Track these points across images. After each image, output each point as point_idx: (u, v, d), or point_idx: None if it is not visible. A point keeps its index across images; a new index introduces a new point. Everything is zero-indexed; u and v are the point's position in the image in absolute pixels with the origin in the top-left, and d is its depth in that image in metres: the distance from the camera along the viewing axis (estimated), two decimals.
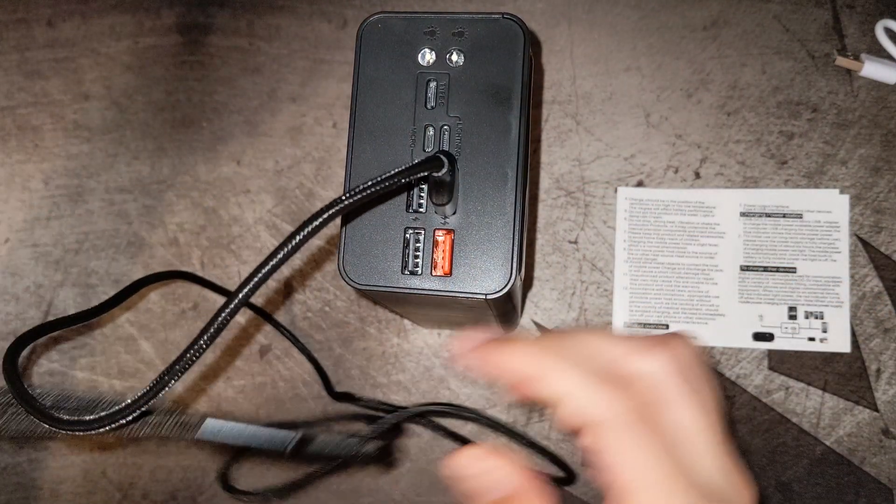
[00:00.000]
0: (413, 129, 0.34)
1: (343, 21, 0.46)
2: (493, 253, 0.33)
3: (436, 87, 0.35)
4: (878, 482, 0.41)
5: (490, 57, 0.36)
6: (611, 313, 0.43)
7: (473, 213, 0.33)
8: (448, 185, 0.29)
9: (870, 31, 0.44)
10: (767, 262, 0.43)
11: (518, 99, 0.35)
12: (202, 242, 0.45)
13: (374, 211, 0.33)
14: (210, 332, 0.21)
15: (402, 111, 0.35)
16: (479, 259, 0.33)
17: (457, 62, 0.35)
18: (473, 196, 0.33)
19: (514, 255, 0.33)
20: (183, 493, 0.44)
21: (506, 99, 0.35)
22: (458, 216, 0.33)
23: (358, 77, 0.35)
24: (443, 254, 0.33)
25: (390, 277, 0.33)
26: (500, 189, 0.33)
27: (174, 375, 0.22)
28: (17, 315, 0.45)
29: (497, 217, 0.33)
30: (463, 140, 0.35)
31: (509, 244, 0.33)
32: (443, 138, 0.35)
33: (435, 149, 0.34)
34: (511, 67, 0.35)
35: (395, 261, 0.33)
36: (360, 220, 0.33)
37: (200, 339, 0.21)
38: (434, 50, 0.35)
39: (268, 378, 0.44)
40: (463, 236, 0.33)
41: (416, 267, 0.32)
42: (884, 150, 0.44)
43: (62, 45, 0.47)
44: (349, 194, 0.24)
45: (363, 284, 0.31)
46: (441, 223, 0.33)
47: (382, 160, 0.34)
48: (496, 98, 0.35)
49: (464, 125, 0.35)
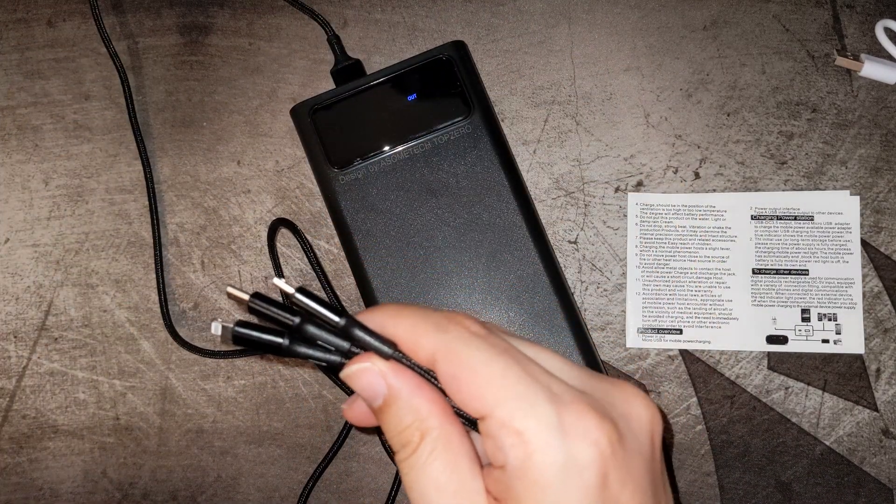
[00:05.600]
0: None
1: (343, 21, 0.46)
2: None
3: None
4: (878, 482, 0.41)
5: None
6: (611, 313, 0.43)
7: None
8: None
9: (870, 31, 0.44)
10: (779, 265, 0.43)
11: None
12: (202, 242, 0.45)
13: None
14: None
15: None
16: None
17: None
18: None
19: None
20: (183, 493, 0.44)
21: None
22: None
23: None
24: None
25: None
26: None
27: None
28: (17, 315, 0.45)
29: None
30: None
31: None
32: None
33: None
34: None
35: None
36: None
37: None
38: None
39: (268, 378, 0.44)
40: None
41: None
42: (884, 150, 0.44)
43: (62, 45, 0.47)
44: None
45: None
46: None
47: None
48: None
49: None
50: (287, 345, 0.24)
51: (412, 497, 0.23)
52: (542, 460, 0.21)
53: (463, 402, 0.22)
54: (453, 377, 0.22)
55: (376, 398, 0.23)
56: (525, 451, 0.21)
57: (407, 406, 0.23)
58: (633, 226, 0.44)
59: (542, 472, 0.21)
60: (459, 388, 0.22)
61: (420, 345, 0.23)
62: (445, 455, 0.22)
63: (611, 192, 0.44)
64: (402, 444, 0.23)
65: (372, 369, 0.23)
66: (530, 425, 0.21)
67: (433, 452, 0.22)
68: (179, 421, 0.44)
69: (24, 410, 0.45)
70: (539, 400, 0.21)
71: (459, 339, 0.23)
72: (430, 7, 0.46)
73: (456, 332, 0.23)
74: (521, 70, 0.45)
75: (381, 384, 0.23)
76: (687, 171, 0.44)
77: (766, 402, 0.42)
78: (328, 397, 0.44)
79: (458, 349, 0.22)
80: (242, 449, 0.44)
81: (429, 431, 0.23)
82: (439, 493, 0.22)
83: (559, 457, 0.21)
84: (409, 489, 0.23)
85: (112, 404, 0.44)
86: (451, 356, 0.22)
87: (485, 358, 0.22)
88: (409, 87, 0.42)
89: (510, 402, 0.21)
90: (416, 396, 0.23)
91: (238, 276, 0.45)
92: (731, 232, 0.44)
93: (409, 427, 0.23)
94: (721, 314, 0.43)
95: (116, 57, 0.45)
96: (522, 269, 0.40)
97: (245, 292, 0.25)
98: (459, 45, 0.43)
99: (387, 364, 0.23)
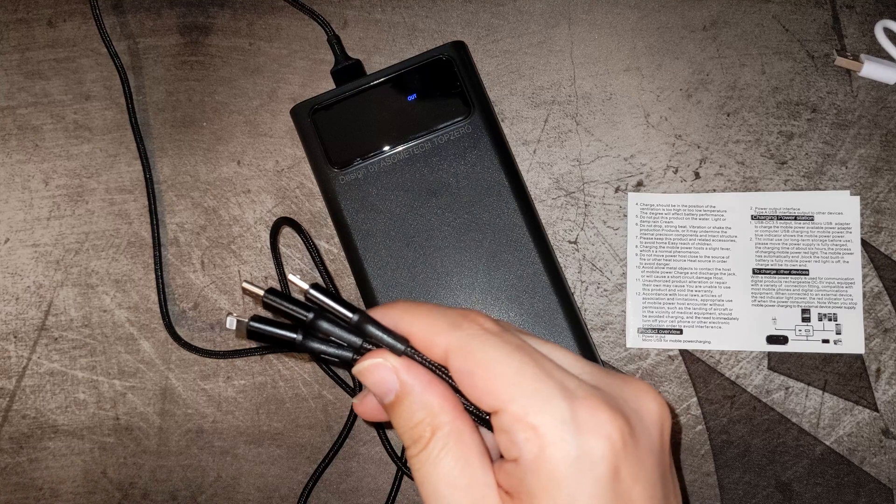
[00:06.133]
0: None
1: (343, 21, 0.46)
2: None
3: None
4: (878, 482, 0.41)
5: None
6: (611, 313, 0.43)
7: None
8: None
9: (869, 32, 0.44)
10: (779, 265, 0.43)
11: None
12: (202, 242, 0.45)
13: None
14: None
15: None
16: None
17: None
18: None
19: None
20: (183, 493, 0.44)
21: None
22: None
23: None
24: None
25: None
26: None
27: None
28: (17, 315, 0.45)
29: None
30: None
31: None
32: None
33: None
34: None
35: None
36: None
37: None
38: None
39: (268, 378, 0.44)
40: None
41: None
42: (883, 150, 0.44)
43: (62, 45, 0.47)
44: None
45: None
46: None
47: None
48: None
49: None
50: (301, 340, 0.24)
51: (423, 492, 0.23)
52: (556, 454, 0.21)
53: (477, 397, 0.23)
54: (468, 373, 0.23)
55: (388, 394, 0.24)
56: (539, 445, 0.21)
57: (419, 402, 0.23)
58: (633, 226, 0.44)
59: (556, 466, 0.21)
60: (474, 384, 0.23)
61: (434, 341, 0.24)
62: (457, 450, 0.23)
63: (611, 192, 0.44)
64: (414, 439, 0.23)
65: (384, 365, 0.24)
66: (545, 420, 0.21)
67: (444, 448, 0.23)
68: (179, 421, 0.44)
69: (24, 410, 0.45)
70: (553, 395, 0.22)
71: (474, 336, 0.23)
72: (430, 7, 0.46)
73: (471, 329, 0.23)
74: (521, 70, 0.45)
75: (394, 380, 0.23)
76: (687, 171, 0.44)
77: (766, 402, 0.42)
78: (328, 397, 0.44)
79: (473, 346, 0.23)
80: (242, 449, 0.44)
81: (440, 427, 0.23)
82: (451, 487, 0.22)
83: (573, 451, 0.21)
84: (421, 484, 0.23)
85: (112, 404, 0.44)
86: (465, 353, 0.23)
87: (499, 355, 0.22)
88: (409, 87, 0.42)
89: (525, 397, 0.22)
90: (428, 392, 0.23)
91: (238, 276, 0.45)
92: (731, 232, 0.44)
93: (420, 422, 0.23)
94: (721, 314, 0.43)
95: (116, 57, 0.45)
96: (522, 270, 0.40)
97: (260, 287, 0.25)
98: (459, 46, 0.43)
99: (399, 360, 0.24)
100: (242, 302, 0.44)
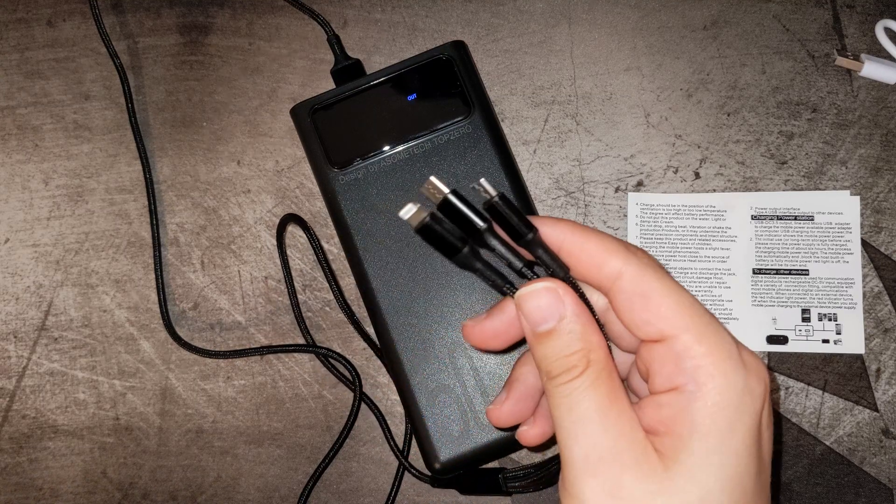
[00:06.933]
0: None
1: (343, 21, 0.46)
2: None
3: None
4: (878, 482, 0.41)
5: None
6: None
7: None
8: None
9: (870, 31, 0.44)
10: (779, 265, 0.43)
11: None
12: (202, 242, 0.45)
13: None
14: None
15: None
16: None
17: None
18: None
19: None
20: (183, 493, 0.44)
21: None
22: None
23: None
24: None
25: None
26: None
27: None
28: (17, 315, 0.45)
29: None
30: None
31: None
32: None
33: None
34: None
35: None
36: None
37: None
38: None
39: (268, 378, 0.44)
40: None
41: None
42: (884, 150, 0.44)
43: (62, 45, 0.47)
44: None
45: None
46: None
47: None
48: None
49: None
50: (467, 251, 0.24)
51: (564, 422, 0.23)
52: (726, 383, 0.22)
53: (644, 321, 0.24)
54: (641, 296, 0.24)
55: (547, 321, 0.24)
56: (710, 374, 0.22)
57: (581, 333, 0.24)
58: (633, 226, 0.44)
59: (723, 394, 0.22)
60: (646, 308, 0.23)
61: (608, 262, 0.24)
62: (609, 382, 0.24)
63: (611, 192, 0.44)
64: (566, 367, 0.24)
65: (556, 291, 0.24)
66: (718, 351, 0.23)
67: (598, 378, 0.23)
68: (179, 421, 0.44)
69: (24, 410, 0.45)
70: (723, 332, 0.23)
71: (650, 265, 0.24)
72: (430, 7, 0.46)
73: (646, 258, 0.24)
74: (521, 70, 0.45)
75: (561, 308, 0.24)
76: (687, 171, 0.44)
77: None
78: (328, 397, 0.44)
79: (650, 272, 0.24)
80: (242, 449, 0.44)
81: (595, 361, 0.24)
82: (602, 415, 0.23)
83: (740, 383, 0.23)
84: (565, 413, 0.23)
85: (112, 404, 0.44)
86: (643, 277, 0.24)
87: (675, 286, 0.24)
88: (409, 87, 0.42)
89: (699, 327, 0.23)
90: (590, 325, 0.24)
91: (238, 277, 0.45)
92: (731, 232, 0.44)
93: (576, 352, 0.24)
94: (721, 314, 0.43)
95: (116, 57, 0.45)
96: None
97: (446, 185, 0.24)
98: (459, 45, 0.43)
99: (568, 289, 0.24)
100: (243, 302, 0.45)
